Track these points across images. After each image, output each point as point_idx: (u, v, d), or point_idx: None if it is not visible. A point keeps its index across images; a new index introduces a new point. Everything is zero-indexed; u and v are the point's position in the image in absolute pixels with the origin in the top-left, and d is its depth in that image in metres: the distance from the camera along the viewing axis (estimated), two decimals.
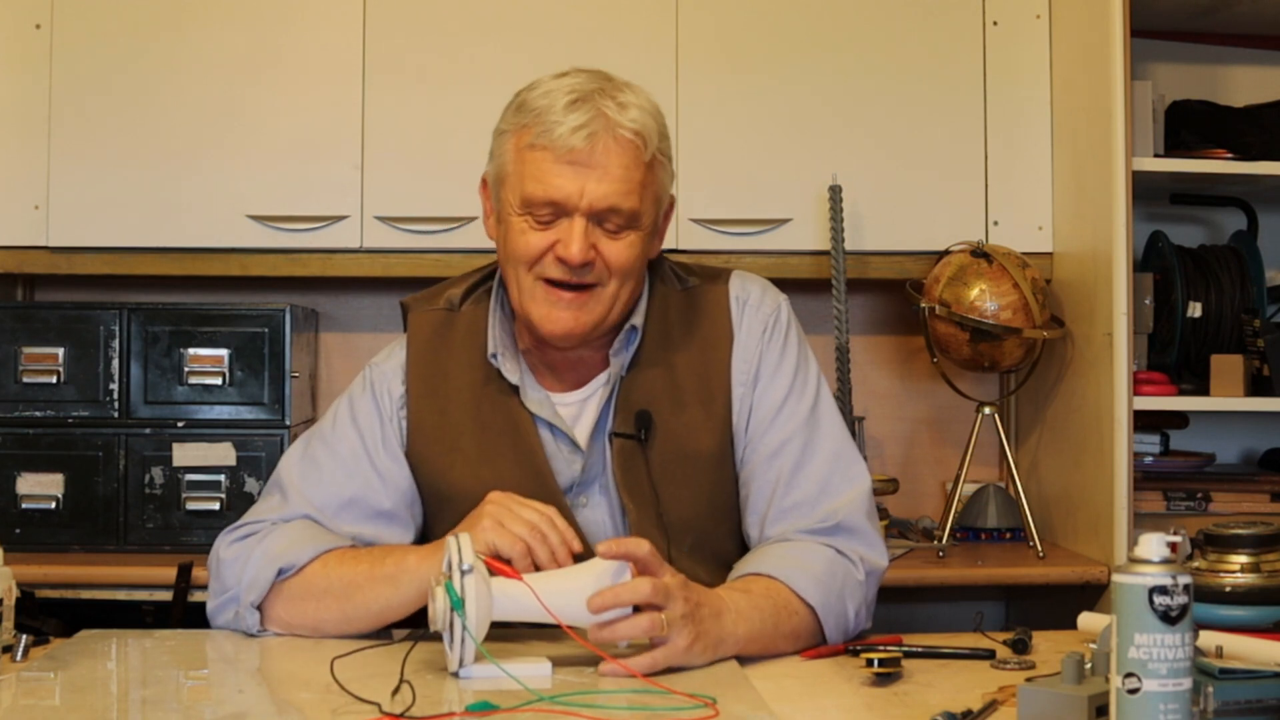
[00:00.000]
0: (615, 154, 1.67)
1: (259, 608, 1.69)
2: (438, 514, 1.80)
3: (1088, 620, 1.60)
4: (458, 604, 1.42)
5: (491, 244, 1.81)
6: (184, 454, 2.65)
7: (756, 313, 1.82)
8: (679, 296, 1.84)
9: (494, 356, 1.79)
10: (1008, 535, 2.84)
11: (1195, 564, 1.54)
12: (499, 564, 1.50)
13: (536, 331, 1.75)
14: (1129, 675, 1.13)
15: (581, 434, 1.78)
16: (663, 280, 1.85)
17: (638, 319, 1.79)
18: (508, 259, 1.74)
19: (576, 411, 1.80)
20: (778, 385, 1.80)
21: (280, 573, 1.68)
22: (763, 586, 1.63)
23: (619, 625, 1.47)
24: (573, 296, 1.71)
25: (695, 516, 1.77)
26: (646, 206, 1.72)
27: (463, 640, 1.43)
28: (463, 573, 1.43)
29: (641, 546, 1.49)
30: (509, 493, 1.65)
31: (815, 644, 1.63)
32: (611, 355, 1.78)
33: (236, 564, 1.71)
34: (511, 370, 1.79)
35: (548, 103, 1.68)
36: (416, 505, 1.82)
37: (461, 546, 1.45)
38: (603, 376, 1.80)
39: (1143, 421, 2.68)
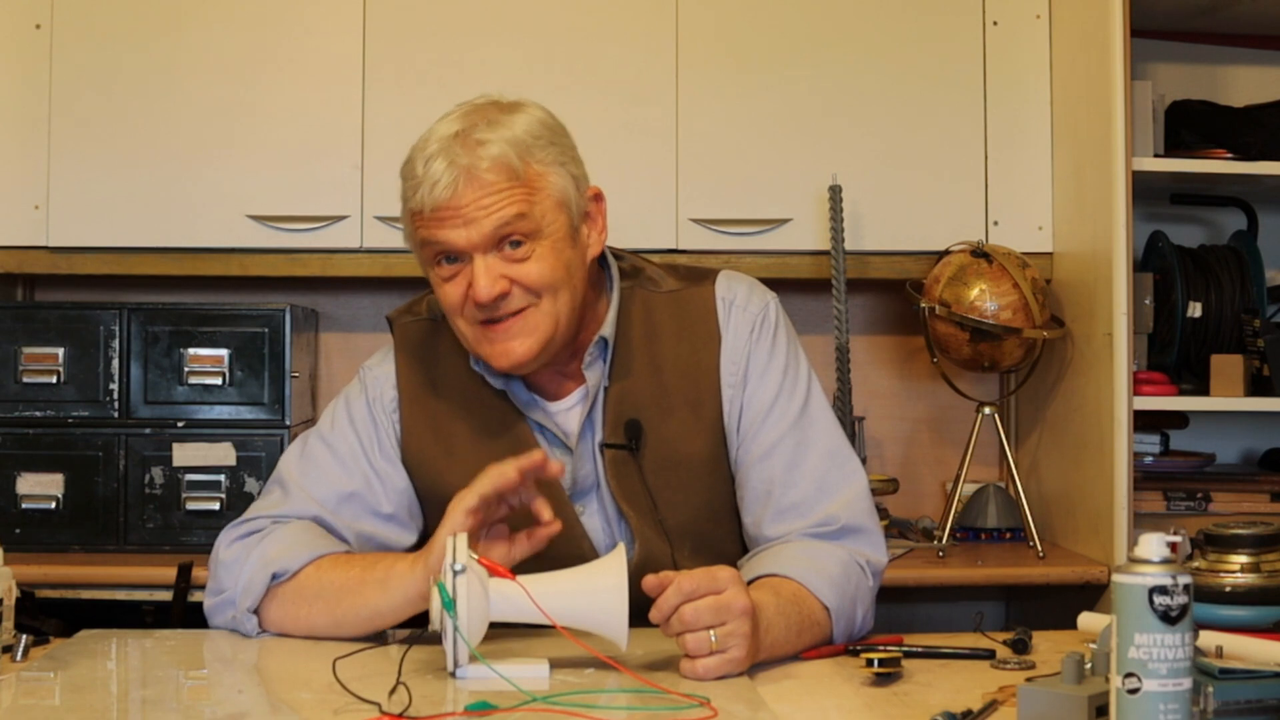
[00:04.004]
0: (481, 191, 1.64)
1: (255, 611, 1.69)
2: (438, 518, 1.80)
3: (1088, 620, 1.60)
4: (449, 604, 1.42)
5: None
6: (184, 454, 2.65)
7: (744, 313, 1.81)
8: (665, 300, 1.82)
9: (476, 363, 1.79)
10: (1008, 535, 2.84)
11: (1195, 564, 1.54)
12: (496, 566, 1.50)
13: (494, 368, 1.75)
14: (1129, 675, 1.13)
15: (570, 441, 1.78)
16: (645, 285, 1.83)
17: (607, 330, 1.78)
18: (444, 311, 1.76)
19: (562, 420, 1.80)
20: (767, 385, 1.78)
21: (274, 577, 1.68)
22: (790, 592, 1.61)
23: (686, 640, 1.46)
24: (504, 327, 1.70)
25: (693, 520, 1.77)
26: (547, 217, 1.68)
27: (455, 641, 1.43)
28: (455, 573, 1.43)
29: (717, 579, 1.48)
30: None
31: (821, 644, 1.63)
32: (585, 370, 1.78)
33: (234, 566, 1.71)
34: (496, 377, 1.79)
35: (413, 165, 1.68)
36: (416, 508, 1.83)
37: (456, 547, 1.45)
38: (581, 390, 1.80)
39: (1143, 421, 2.68)
